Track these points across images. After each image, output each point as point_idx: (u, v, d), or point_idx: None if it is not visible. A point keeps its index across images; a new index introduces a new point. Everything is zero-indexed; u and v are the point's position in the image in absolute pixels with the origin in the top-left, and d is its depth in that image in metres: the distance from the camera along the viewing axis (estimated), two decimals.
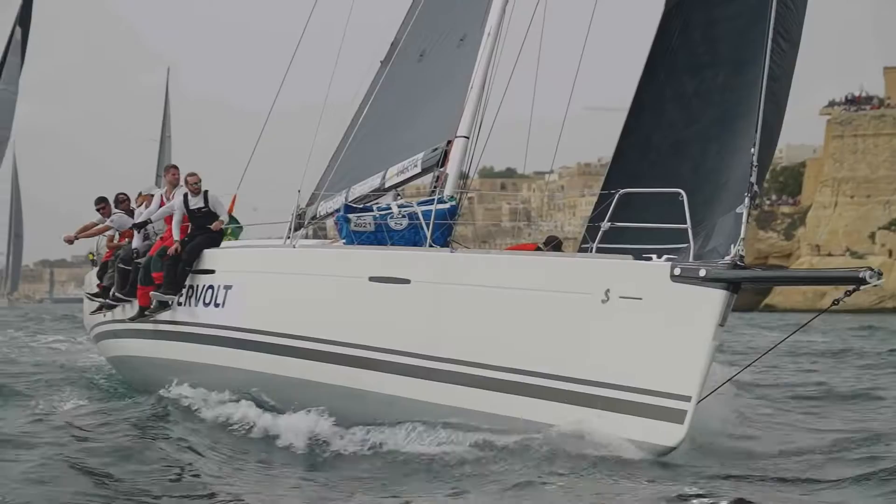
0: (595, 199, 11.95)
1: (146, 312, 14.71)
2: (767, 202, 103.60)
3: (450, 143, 14.06)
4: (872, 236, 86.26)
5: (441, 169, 13.87)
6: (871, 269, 9.05)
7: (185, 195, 14.23)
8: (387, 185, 14.45)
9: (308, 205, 15.79)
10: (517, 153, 15.17)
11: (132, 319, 15.20)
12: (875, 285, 9.02)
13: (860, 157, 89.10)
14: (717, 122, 10.81)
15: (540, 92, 14.88)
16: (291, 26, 16.41)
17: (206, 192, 14.26)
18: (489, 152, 14.44)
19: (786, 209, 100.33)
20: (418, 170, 14.14)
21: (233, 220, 17.06)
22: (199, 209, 14.14)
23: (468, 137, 14.11)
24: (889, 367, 21.28)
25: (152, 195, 15.59)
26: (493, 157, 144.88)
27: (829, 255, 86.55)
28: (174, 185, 14.91)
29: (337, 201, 14.82)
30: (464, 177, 13.91)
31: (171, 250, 14.05)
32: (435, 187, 13.65)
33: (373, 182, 14.76)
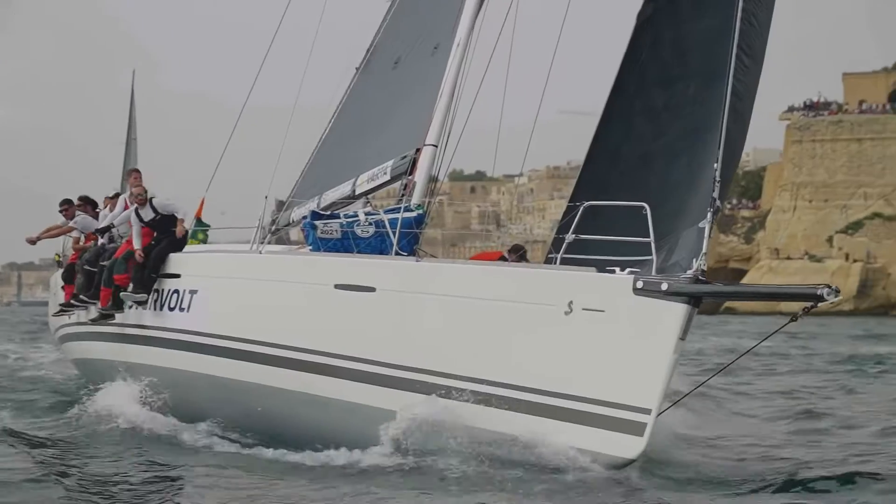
0: (564, 203, 11.93)
1: (104, 313, 14.62)
2: (728, 206, 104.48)
3: (418, 151, 14.11)
4: (830, 240, 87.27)
5: (409, 177, 13.91)
6: (829, 287, 9.02)
7: (136, 208, 14.19)
8: (357, 193, 14.43)
9: (284, 210, 15.77)
10: (487, 156, 15.23)
11: (93, 321, 15.08)
12: (832, 302, 8.99)
13: (818, 162, 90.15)
14: (685, 136, 10.81)
15: (512, 96, 14.94)
16: (290, 24, 16.34)
17: (150, 200, 14.21)
18: (459, 155, 14.51)
19: (746, 213, 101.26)
20: (388, 177, 14.12)
21: (200, 223, 16.99)
22: (153, 219, 14.11)
23: (436, 146, 14.16)
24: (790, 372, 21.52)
25: (114, 196, 15.56)
26: (462, 161, 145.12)
27: (788, 258, 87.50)
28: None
29: (309, 208, 14.80)
30: (433, 179, 13.95)
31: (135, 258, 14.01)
32: (403, 195, 13.67)
33: (344, 189, 14.74)
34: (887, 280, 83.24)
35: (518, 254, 13.64)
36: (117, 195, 15.64)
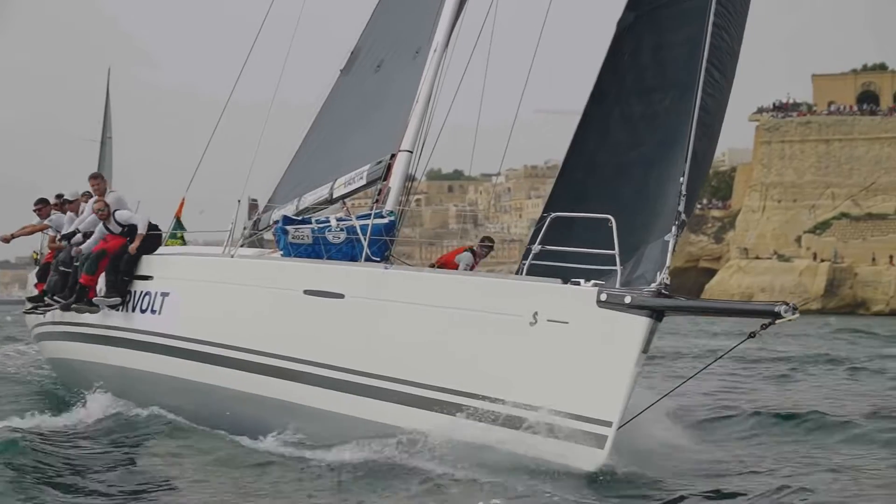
0: (541, 203, 11.86)
1: (73, 306, 14.58)
2: (699, 206, 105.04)
3: (393, 156, 14.15)
4: (798, 240, 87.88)
5: (384, 182, 13.94)
6: (787, 304, 9.04)
7: (104, 223, 14.23)
8: (334, 196, 14.45)
9: (262, 213, 15.79)
10: (465, 155, 15.29)
11: (66, 306, 14.96)
12: (790, 320, 8.94)
13: (787, 163, 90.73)
14: (660, 147, 10.76)
15: (490, 96, 15.02)
16: (282, 20, 16.32)
17: (114, 213, 14.21)
18: (437, 154, 14.55)
19: (716, 213, 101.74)
20: (364, 182, 14.11)
21: (180, 223, 16.98)
22: (121, 231, 14.15)
23: (412, 152, 14.20)
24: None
25: (74, 201, 15.55)
26: (440, 160, 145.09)
27: (758, 258, 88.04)
28: (101, 194, 14.84)
29: (287, 210, 14.82)
30: (410, 178, 13.99)
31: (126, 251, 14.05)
32: (376, 201, 13.71)
33: (322, 192, 14.75)
34: (854, 280, 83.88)
35: (486, 245, 13.73)
36: (87, 194, 15.61)
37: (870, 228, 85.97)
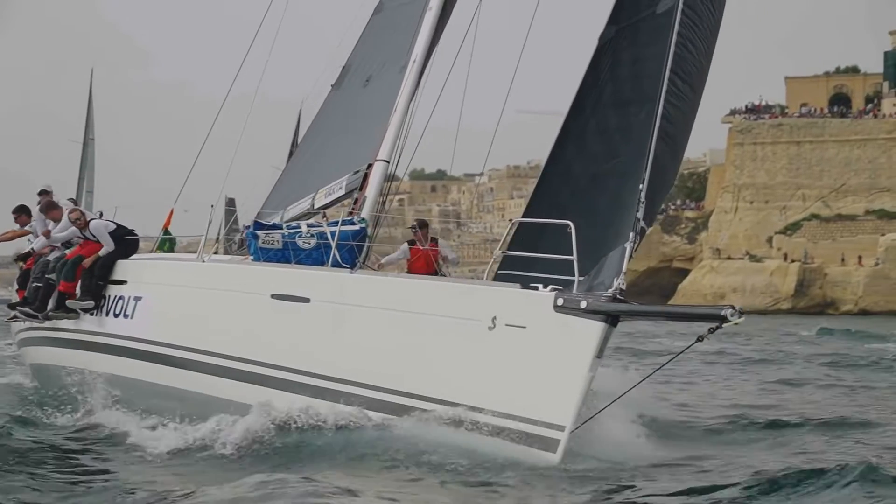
0: (524, 203, 11.90)
1: (50, 313, 14.66)
2: (673, 207, 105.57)
3: (370, 166, 14.33)
4: (770, 240, 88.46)
5: (360, 192, 14.10)
6: (733, 308, 9.13)
7: (81, 230, 14.38)
8: (316, 207, 14.58)
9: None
10: (448, 155, 15.42)
11: (45, 317, 15.02)
12: (735, 324, 9.07)
13: (759, 165, 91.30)
14: (634, 158, 10.75)
15: (474, 97, 15.18)
16: (285, 18, 16.41)
17: (89, 222, 14.37)
18: (420, 154, 14.69)
19: (690, 214, 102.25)
20: (343, 192, 14.27)
21: (168, 234, 17.09)
22: (97, 239, 14.28)
23: (388, 161, 14.37)
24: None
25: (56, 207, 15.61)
26: (424, 160, 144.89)
27: (729, 258, 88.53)
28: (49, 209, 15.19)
29: (272, 221, 14.93)
30: (390, 179, 14.12)
31: (84, 262, 14.13)
32: (353, 210, 13.85)
33: (304, 203, 14.92)
34: (824, 280, 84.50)
35: (423, 230, 13.76)
36: (44, 192, 15.68)
37: (839, 229, 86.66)
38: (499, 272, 11.52)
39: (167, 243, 16.58)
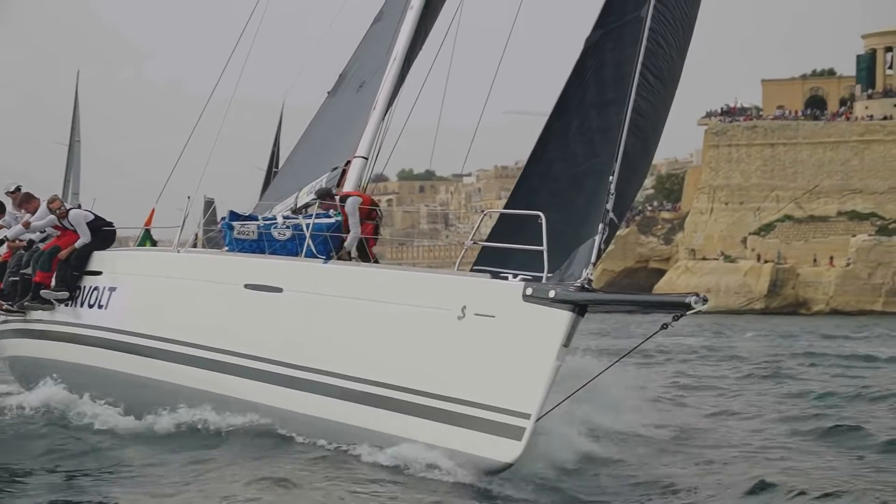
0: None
1: (25, 304, 14.63)
2: (649, 208, 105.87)
3: (348, 163, 14.42)
4: (744, 241, 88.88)
5: (338, 188, 14.16)
6: (697, 295, 9.21)
7: (60, 220, 14.36)
8: (299, 205, 14.68)
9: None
10: (436, 156, 15.45)
11: (20, 309, 14.98)
12: (699, 311, 9.12)
13: (734, 166, 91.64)
14: (612, 155, 10.62)
15: (461, 97, 15.20)
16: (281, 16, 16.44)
17: (68, 212, 14.35)
18: (408, 155, 14.73)
19: (666, 215, 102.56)
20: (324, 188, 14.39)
21: (149, 232, 17.08)
22: (74, 229, 14.26)
23: (366, 158, 14.46)
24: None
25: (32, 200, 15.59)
26: (412, 160, 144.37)
27: (704, 258, 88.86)
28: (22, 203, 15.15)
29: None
30: (379, 177, 14.08)
31: (60, 253, 14.12)
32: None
33: (290, 202, 15.05)
34: (796, 280, 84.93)
35: (331, 197, 13.43)
36: (18, 189, 15.67)
37: (812, 230, 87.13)
38: (474, 268, 11.55)
39: (148, 241, 16.59)
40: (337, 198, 13.04)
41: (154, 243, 16.54)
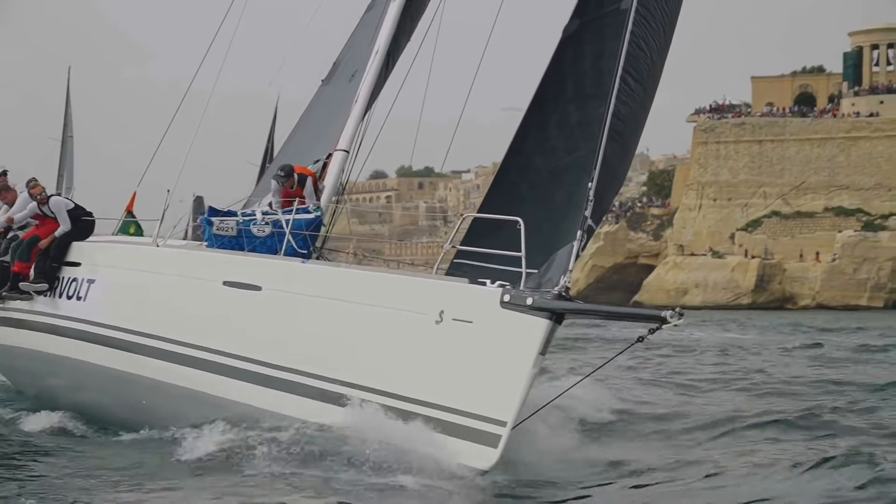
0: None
1: (3, 294, 14.47)
2: (639, 204, 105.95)
3: (329, 155, 14.28)
4: (732, 237, 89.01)
5: (319, 181, 14.01)
6: (674, 310, 9.08)
7: (39, 206, 14.16)
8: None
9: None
10: (436, 151, 15.28)
11: (0, 297, 14.82)
12: (675, 325, 9.01)
13: (722, 163, 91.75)
14: (592, 154, 10.45)
15: (460, 92, 15.02)
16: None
17: (49, 198, 14.17)
18: (408, 151, 14.57)
19: (655, 211, 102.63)
20: None
21: (131, 216, 16.91)
22: (54, 217, 14.08)
23: (348, 151, 14.32)
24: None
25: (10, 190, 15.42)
26: (410, 157, 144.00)
27: (693, 254, 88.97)
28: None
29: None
30: (374, 175, 13.91)
31: (40, 243, 13.97)
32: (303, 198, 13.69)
33: (269, 198, 14.85)
34: (783, 275, 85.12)
35: (285, 173, 13.10)
36: (5, 174, 15.48)
37: (798, 226, 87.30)
38: (454, 261, 11.34)
39: (133, 226, 16.41)
40: (295, 176, 12.91)
41: (140, 228, 16.37)
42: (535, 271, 9.90)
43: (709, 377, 19.44)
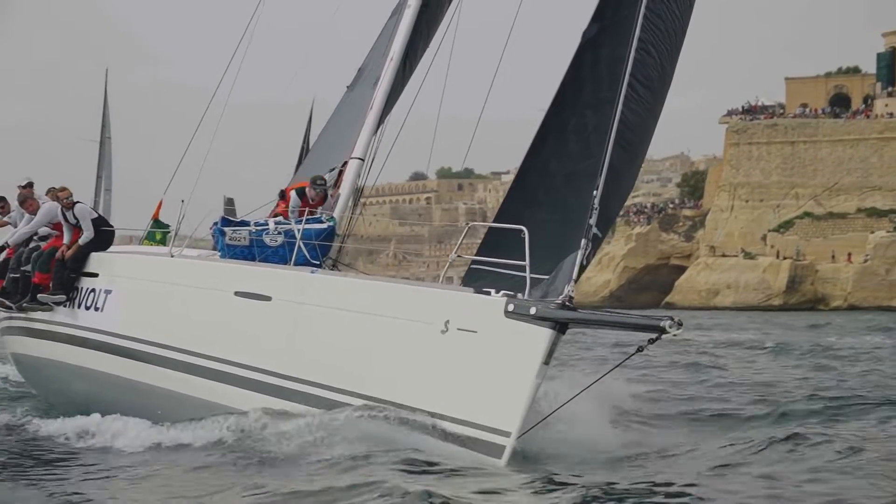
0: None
1: (24, 304, 14.56)
2: (671, 206, 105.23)
3: (345, 164, 14.24)
4: (764, 238, 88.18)
5: (334, 189, 13.98)
6: (672, 319, 9.00)
7: (62, 211, 14.19)
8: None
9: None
10: (474, 153, 15.10)
11: (19, 308, 14.95)
12: (674, 335, 8.93)
13: (754, 164, 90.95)
14: (598, 172, 10.20)
15: (501, 90, 14.80)
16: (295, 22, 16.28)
17: (75, 204, 14.17)
18: (447, 153, 14.42)
19: (688, 212, 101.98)
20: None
21: (158, 224, 16.97)
22: (77, 224, 14.10)
23: (363, 159, 14.27)
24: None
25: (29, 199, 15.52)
26: (451, 158, 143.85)
27: (724, 255, 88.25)
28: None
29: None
30: (370, 180, 13.95)
31: (58, 254, 14.02)
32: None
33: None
34: (815, 276, 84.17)
35: (318, 184, 13.16)
36: (31, 185, 15.54)
37: (831, 227, 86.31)
38: (472, 268, 11.26)
39: (160, 234, 16.46)
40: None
41: (166, 231, 16.36)
42: (547, 278, 9.80)
43: None
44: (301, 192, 13.54)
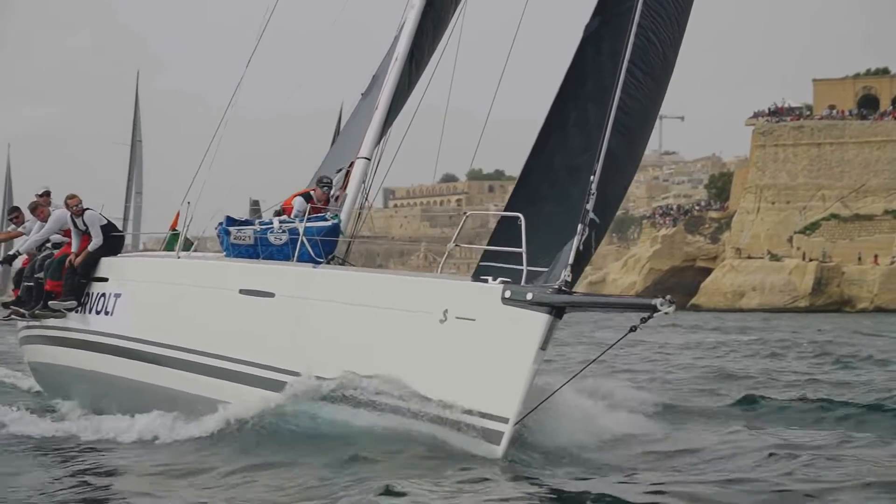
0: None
1: (37, 312, 14.62)
2: (697, 208, 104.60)
3: (352, 164, 14.25)
4: (790, 240, 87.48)
5: (340, 189, 14.01)
6: (664, 298, 8.99)
7: (72, 217, 14.24)
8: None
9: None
10: (505, 154, 14.95)
11: (32, 315, 15.03)
12: (666, 313, 8.93)
13: (781, 166, 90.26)
14: (595, 158, 10.21)
15: (536, 88, 14.59)
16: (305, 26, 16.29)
17: (85, 211, 14.22)
18: (480, 154, 14.34)
19: (714, 214, 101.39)
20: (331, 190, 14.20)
21: (176, 234, 17.02)
22: (86, 230, 14.17)
23: (369, 159, 14.27)
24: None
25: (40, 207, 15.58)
26: (481, 160, 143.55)
27: (749, 257, 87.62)
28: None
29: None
30: (377, 181, 13.92)
31: (68, 261, 14.08)
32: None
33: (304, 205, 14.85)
34: (841, 278, 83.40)
35: (324, 184, 13.17)
36: (47, 194, 15.61)
37: (857, 229, 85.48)
38: (481, 264, 11.28)
39: (176, 243, 16.50)
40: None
41: (190, 244, 16.46)
42: (545, 273, 9.77)
43: None
44: (308, 197, 13.60)
